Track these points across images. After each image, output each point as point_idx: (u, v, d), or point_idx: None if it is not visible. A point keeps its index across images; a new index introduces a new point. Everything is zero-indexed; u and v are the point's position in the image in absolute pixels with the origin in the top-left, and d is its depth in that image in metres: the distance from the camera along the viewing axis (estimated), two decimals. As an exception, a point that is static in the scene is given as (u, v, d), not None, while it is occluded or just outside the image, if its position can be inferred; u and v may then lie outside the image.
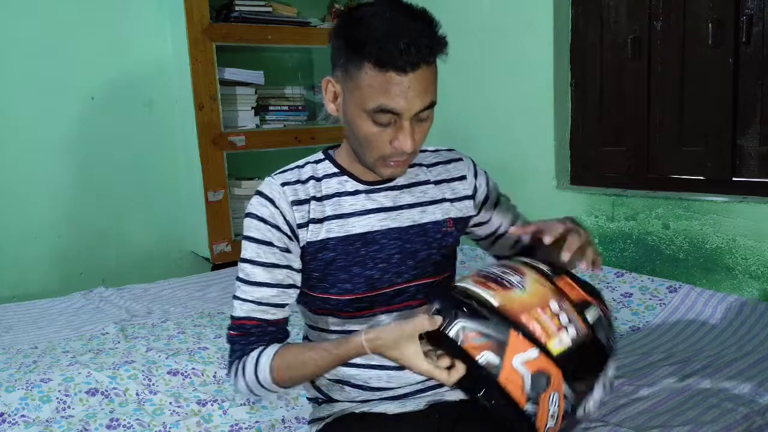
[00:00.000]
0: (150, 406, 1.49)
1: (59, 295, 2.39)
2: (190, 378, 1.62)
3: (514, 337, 0.83)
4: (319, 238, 1.03)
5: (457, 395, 1.12)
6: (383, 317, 1.07)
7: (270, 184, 1.05)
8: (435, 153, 1.17)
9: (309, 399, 1.18)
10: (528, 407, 0.83)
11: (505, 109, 2.61)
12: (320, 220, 1.04)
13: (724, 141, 2.00)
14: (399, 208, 1.08)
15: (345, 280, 1.04)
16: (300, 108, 3.04)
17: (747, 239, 1.89)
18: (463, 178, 1.15)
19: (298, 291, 1.07)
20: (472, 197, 1.15)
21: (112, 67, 2.77)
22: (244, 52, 2.96)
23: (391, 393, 1.10)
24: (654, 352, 1.65)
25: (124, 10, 2.77)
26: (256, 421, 1.43)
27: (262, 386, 1.01)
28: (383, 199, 1.07)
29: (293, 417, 1.44)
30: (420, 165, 1.13)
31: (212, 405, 1.49)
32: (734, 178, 2.00)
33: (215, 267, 2.78)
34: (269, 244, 1.02)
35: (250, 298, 1.03)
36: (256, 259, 1.03)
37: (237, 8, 2.76)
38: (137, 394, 1.54)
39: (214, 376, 1.63)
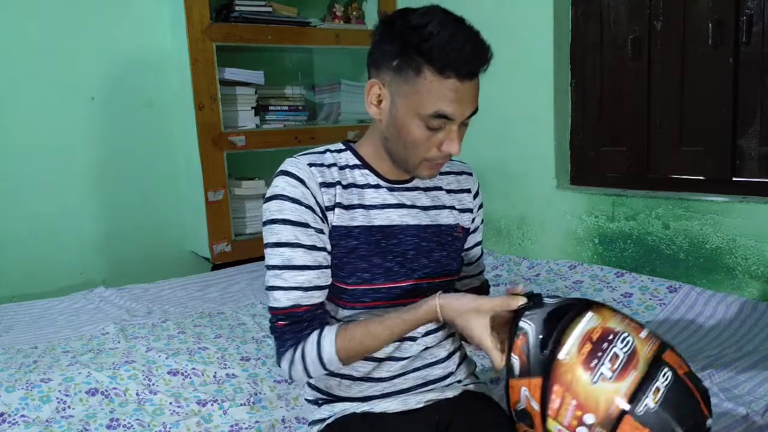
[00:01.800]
0: (150, 406, 1.49)
1: (59, 295, 2.39)
2: (190, 378, 1.62)
3: (536, 382, 0.85)
4: (345, 224, 1.05)
5: (455, 391, 1.12)
6: (394, 309, 1.08)
7: (296, 164, 1.04)
8: (448, 163, 1.19)
9: (308, 401, 1.18)
10: (515, 417, 0.91)
11: (505, 109, 2.61)
12: (347, 207, 1.05)
13: (724, 141, 2.00)
14: (417, 208, 1.11)
15: (364, 269, 1.05)
16: (300, 108, 3.04)
17: (747, 239, 1.89)
18: (468, 191, 1.20)
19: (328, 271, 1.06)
20: (470, 211, 1.20)
21: (112, 67, 2.77)
22: (244, 52, 2.96)
23: (391, 387, 1.10)
24: (654, 352, 1.65)
25: (124, 10, 2.77)
26: (256, 421, 1.43)
27: (324, 367, 1.01)
28: (403, 197, 1.10)
29: (293, 417, 1.44)
30: None
31: (212, 405, 1.49)
32: (734, 178, 2.00)
33: (215, 267, 2.78)
34: (306, 225, 1.01)
35: (295, 285, 1.01)
36: (295, 242, 1.00)
37: (237, 8, 2.76)
38: (137, 394, 1.53)
39: (214, 376, 1.63)
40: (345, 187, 1.06)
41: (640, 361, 0.82)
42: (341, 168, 1.07)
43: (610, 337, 0.83)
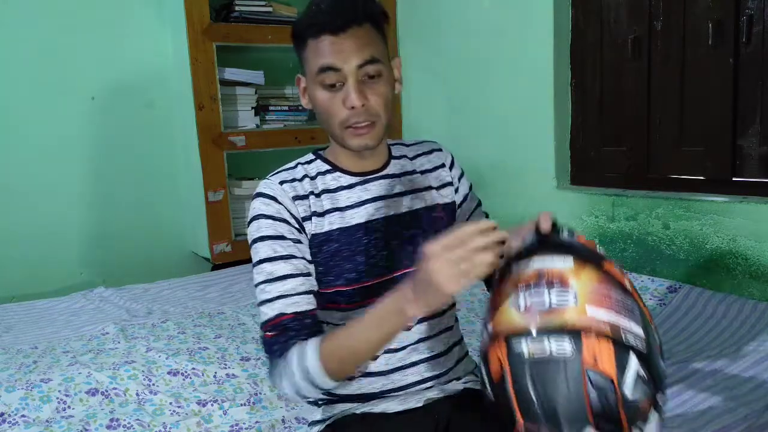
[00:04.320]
0: (150, 406, 1.49)
1: (59, 295, 2.39)
2: (191, 378, 1.62)
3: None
4: (323, 231, 1.07)
5: (455, 390, 1.12)
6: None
7: (268, 185, 1.08)
8: (417, 145, 1.23)
9: (308, 401, 1.18)
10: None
11: (505, 109, 2.61)
12: (322, 214, 1.08)
13: (724, 141, 2.00)
14: (393, 196, 1.13)
15: (350, 269, 1.07)
16: (300, 108, 3.04)
17: (747, 239, 1.89)
18: (443, 166, 1.21)
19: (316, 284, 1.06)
20: (451, 184, 1.21)
21: (113, 67, 2.77)
22: (244, 52, 2.96)
23: (390, 383, 1.10)
24: (654, 352, 1.65)
25: (124, 10, 2.77)
26: (256, 422, 1.43)
27: (310, 380, 0.95)
28: (378, 188, 1.12)
29: (293, 417, 1.44)
30: (405, 157, 1.19)
31: (212, 405, 1.49)
32: (734, 179, 2.00)
33: (215, 267, 2.78)
34: (282, 237, 1.04)
35: (278, 294, 1.01)
36: (274, 255, 1.03)
37: (237, 8, 2.76)
38: (137, 395, 1.53)
39: (215, 377, 1.63)
40: (318, 195, 1.09)
41: (556, 320, 0.77)
42: (312, 178, 1.11)
43: (550, 281, 0.80)
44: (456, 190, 1.21)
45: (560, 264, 0.82)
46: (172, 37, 2.81)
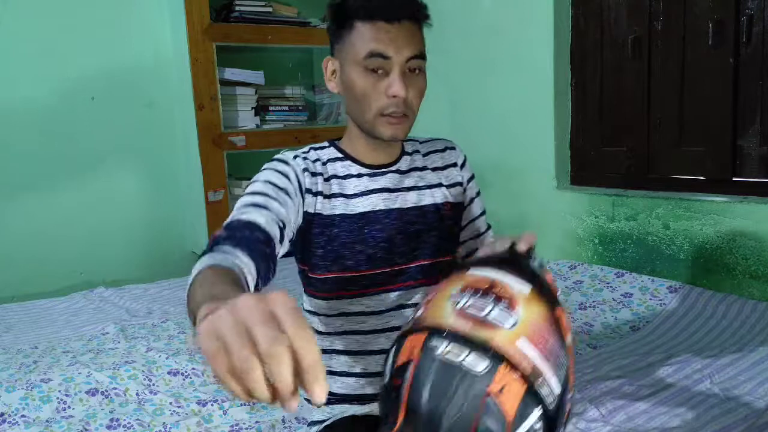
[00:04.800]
0: (150, 406, 1.49)
1: (59, 295, 2.39)
2: (191, 378, 1.62)
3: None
4: (326, 213, 1.07)
5: None
6: (384, 296, 1.10)
7: (281, 155, 1.09)
8: (430, 142, 1.22)
9: (308, 401, 1.18)
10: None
11: (505, 109, 2.61)
12: (328, 196, 1.08)
13: (724, 141, 2.00)
14: (399, 191, 1.12)
15: (347, 257, 1.07)
16: (300, 108, 3.04)
17: (747, 239, 1.89)
18: (454, 165, 1.20)
19: (283, 236, 0.96)
20: (460, 184, 1.20)
21: (113, 67, 2.77)
22: (244, 52, 2.96)
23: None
24: (654, 352, 1.65)
25: (124, 10, 2.77)
26: (257, 422, 1.43)
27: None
28: (386, 180, 1.12)
29: (293, 417, 1.44)
30: (417, 152, 1.18)
31: (212, 405, 1.49)
32: (734, 179, 2.00)
33: (215, 267, 2.78)
34: (277, 186, 1.02)
35: (236, 207, 0.98)
36: (262, 191, 1.00)
37: (237, 8, 2.76)
38: (137, 394, 1.54)
39: (215, 376, 1.63)
40: (327, 179, 1.09)
41: (484, 333, 0.72)
42: (324, 162, 1.11)
43: (500, 296, 0.76)
44: (464, 191, 1.21)
45: (517, 287, 0.78)
46: (172, 37, 2.81)
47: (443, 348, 0.72)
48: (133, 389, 1.55)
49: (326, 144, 1.15)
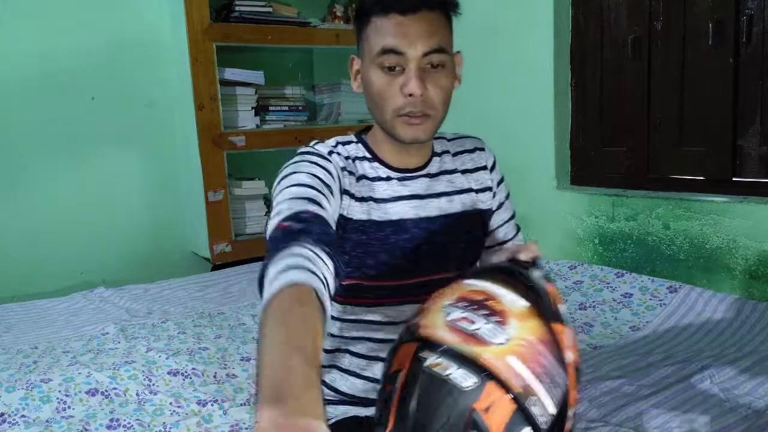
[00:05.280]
0: (150, 406, 1.49)
1: (59, 296, 2.39)
2: (191, 378, 1.62)
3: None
4: (354, 218, 1.01)
5: None
6: (405, 307, 1.04)
7: (314, 148, 1.02)
8: (459, 141, 1.15)
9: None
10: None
11: (505, 109, 2.61)
12: (359, 199, 1.02)
13: (724, 141, 2.00)
14: (430, 197, 1.06)
15: (371, 265, 1.02)
16: (300, 108, 3.04)
17: (747, 239, 1.89)
18: (484, 168, 1.14)
19: (334, 213, 0.94)
20: (490, 189, 1.14)
21: (113, 67, 2.77)
22: (244, 52, 2.96)
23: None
24: (654, 352, 1.65)
25: (124, 10, 2.77)
26: (257, 421, 1.43)
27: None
28: (416, 186, 1.06)
29: (293, 417, 1.44)
30: (447, 153, 1.12)
31: (212, 405, 1.49)
32: (734, 179, 2.00)
33: (215, 267, 2.78)
34: (328, 172, 0.96)
35: (286, 197, 0.89)
36: (308, 171, 0.94)
37: (237, 8, 2.76)
38: (137, 395, 1.53)
39: (215, 377, 1.63)
40: (357, 179, 1.03)
41: (473, 349, 0.70)
42: (353, 160, 1.04)
43: (492, 310, 0.74)
44: (493, 195, 1.14)
45: (512, 301, 0.75)
46: (172, 37, 2.81)
47: (432, 360, 0.70)
48: (133, 389, 1.55)
49: (353, 138, 1.08)
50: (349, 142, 1.07)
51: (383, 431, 0.73)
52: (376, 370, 1.08)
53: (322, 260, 0.78)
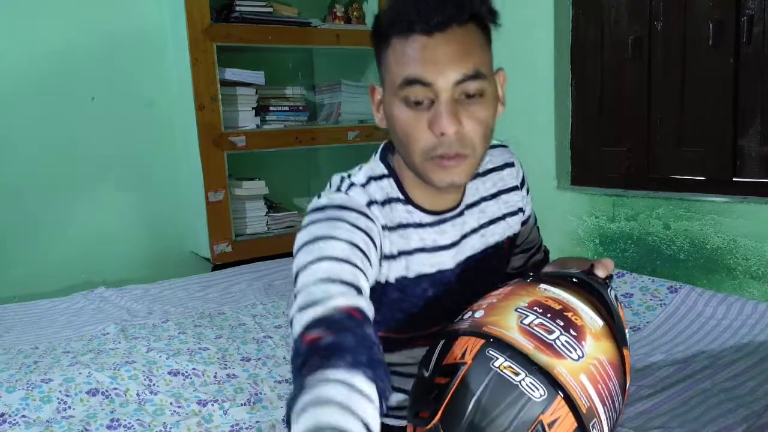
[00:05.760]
0: (150, 406, 1.50)
1: (60, 296, 2.39)
2: (191, 378, 1.62)
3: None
4: (392, 279, 0.88)
5: None
6: (419, 350, 0.92)
7: (351, 198, 0.85)
8: (489, 152, 0.96)
9: None
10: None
11: (505, 109, 2.60)
12: (397, 256, 0.88)
13: (725, 141, 2.00)
14: (465, 237, 0.94)
15: (401, 320, 0.92)
16: (300, 108, 3.04)
17: (748, 239, 1.89)
18: (516, 188, 1.02)
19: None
20: (522, 210, 1.03)
21: (113, 67, 2.77)
22: (244, 52, 2.96)
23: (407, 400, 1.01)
24: (654, 352, 1.65)
25: (125, 10, 2.77)
26: (257, 421, 1.43)
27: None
28: (453, 231, 0.93)
29: (294, 417, 1.44)
30: (477, 176, 0.97)
31: (213, 405, 1.50)
32: (735, 179, 2.00)
33: (216, 267, 2.78)
34: (369, 236, 0.81)
35: (318, 277, 0.73)
36: (347, 239, 0.78)
37: (237, 8, 2.76)
38: (138, 395, 1.54)
39: (215, 377, 1.63)
40: (391, 229, 0.88)
41: (549, 360, 0.68)
42: (389, 203, 0.89)
43: (570, 323, 0.72)
44: (523, 213, 1.04)
45: (590, 317, 0.73)
46: (172, 37, 2.81)
47: (501, 361, 0.68)
48: (133, 389, 1.55)
49: (384, 170, 0.91)
50: (381, 177, 0.90)
51: (423, 424, 0.70)
52: (401, 398, 0.99)
53: (361, 393, 0.63)
